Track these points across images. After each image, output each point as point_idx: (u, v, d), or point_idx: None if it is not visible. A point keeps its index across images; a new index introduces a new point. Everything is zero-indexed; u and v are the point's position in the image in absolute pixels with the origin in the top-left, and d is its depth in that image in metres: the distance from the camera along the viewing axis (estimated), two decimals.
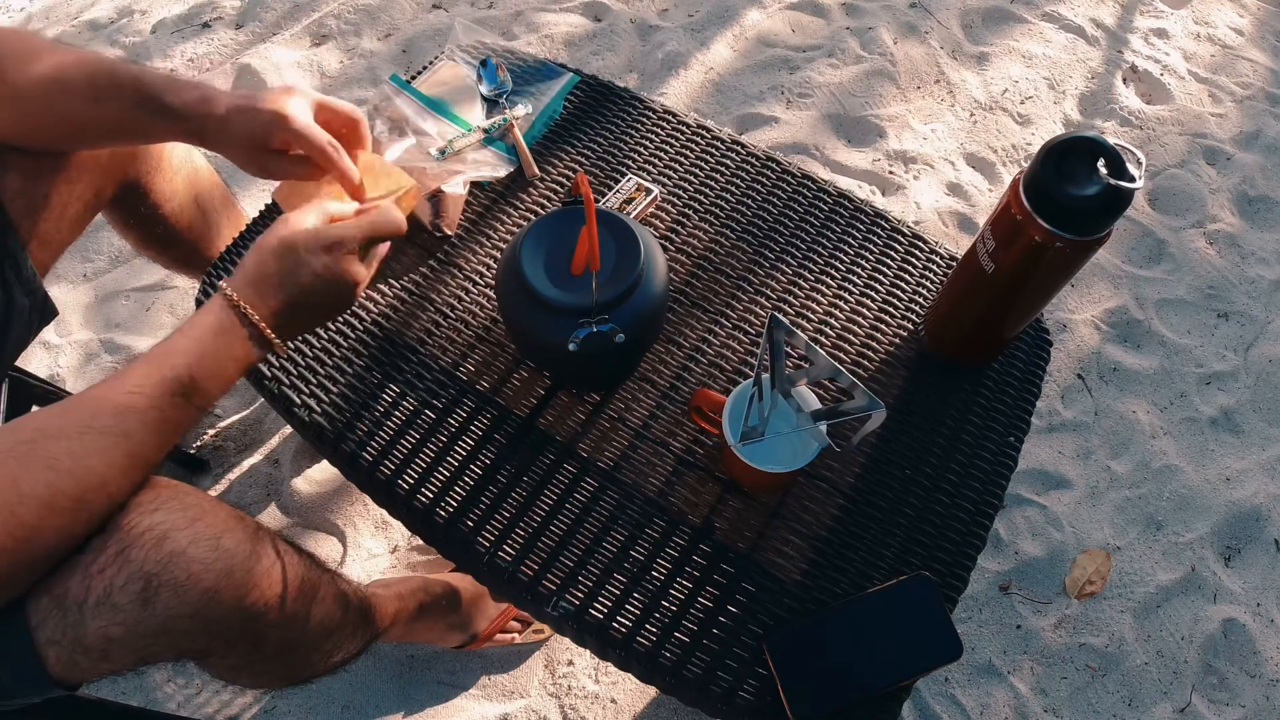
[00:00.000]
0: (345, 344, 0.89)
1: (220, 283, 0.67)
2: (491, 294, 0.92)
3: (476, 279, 0.93)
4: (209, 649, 0.64)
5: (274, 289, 0.67)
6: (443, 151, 0.97)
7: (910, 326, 0.91)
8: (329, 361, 0.87)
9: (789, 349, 0.71)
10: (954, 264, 0.95)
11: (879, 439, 0.83)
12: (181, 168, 1.03)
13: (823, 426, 0.70)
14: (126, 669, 0.60)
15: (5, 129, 0.79)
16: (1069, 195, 0.66)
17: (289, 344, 0.71)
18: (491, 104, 1.04)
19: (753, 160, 1.02)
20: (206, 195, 1.09)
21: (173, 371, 0.62)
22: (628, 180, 0.99)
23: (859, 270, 0.94)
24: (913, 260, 0.95)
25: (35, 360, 1.42)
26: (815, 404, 0.72)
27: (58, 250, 0.91)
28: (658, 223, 0.97)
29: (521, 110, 1.03)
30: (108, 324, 1.46)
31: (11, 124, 0.78)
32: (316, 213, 0.70)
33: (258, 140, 0.77)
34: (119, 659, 0.59)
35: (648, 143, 1.03)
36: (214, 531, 0.62)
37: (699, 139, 1.04)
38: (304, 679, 0.78)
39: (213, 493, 1.29)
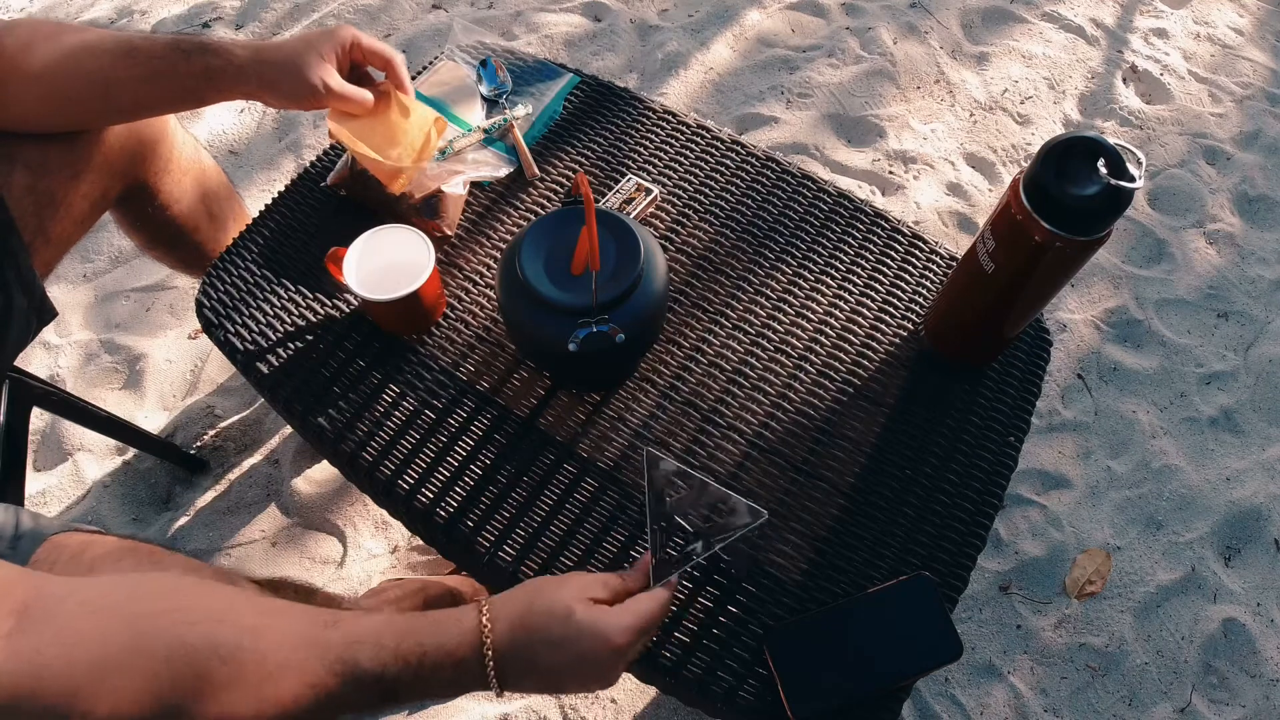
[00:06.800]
0: (348, 345, 0.89)
1: (485, 611, 0.58)
2: (491, 294, 0.92)
3: (476, 279, 0.93)
4: None
5: (528, 656, 0.58)
6: (443, 152, 0.97)
7: (910, 326, 0.91)
8: (331, 362, 0.87)
9: (667, 479, 0.76)
10: (954, 264, 0.95)
11: (879, 439, 0.83)
12: (190, 168, 1.04)
13: (717, 547, 0.72)
14: None
15: (28, 108, 0.79)
16: (1069, 195, 0.65)
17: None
18: (491, 104, 1.04)
19: (753, 160, 1.02)
20: (213, 195, 1.10)
21: (385, 675, 0.54)
22: (628, 180, 0.99)
23: (859, 270, 0.94)
24: (913, 260, 0.95)
25: (35, 360, 1.42)
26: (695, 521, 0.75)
27: (62, 249, 0.91)
28: (658, 223, 0.97)
29: (521, 110, 1.03)
30: (108, 324, 1.46)
31: (36, 101, 0.79)
32: (607, 587, 0.63)
33: (323, 53, 0.81)
34: None
35: (648, 143, 1.03)
36: None
37: (699, 139, 1.04)
38: None
39: (212, 494, 1.29)
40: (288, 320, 0.90)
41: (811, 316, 0.91)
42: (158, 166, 0.98)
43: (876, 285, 0.93)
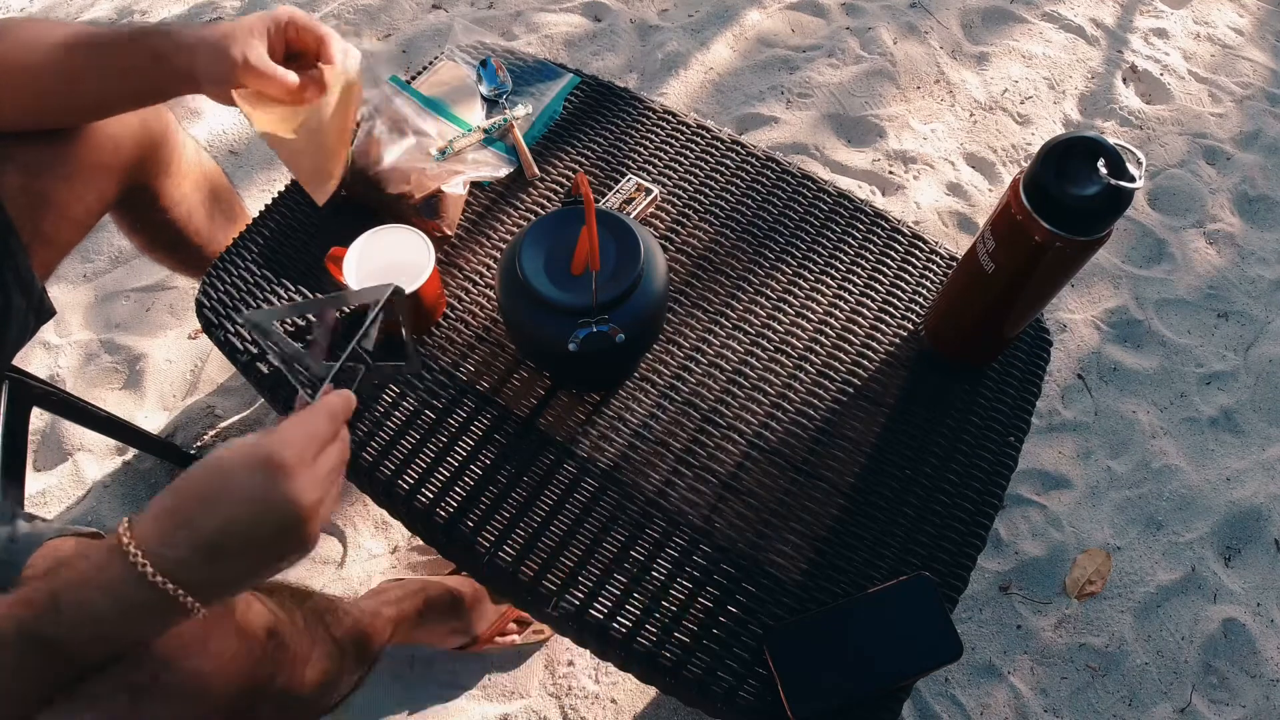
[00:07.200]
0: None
1: (124, 520, 0.51)
2: (491, 294, 0.92)
3: (476, 279, 0.93)
4: None
5: (186, 530, 0.50)
6: (443, 152, 0.97)
7: (910, 326, 0.91)
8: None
9: (287, 328, 0.73)
10: (954, 264, 0.95)
11: (879, 439, 0.83)
12: (190, 171, 1.03)
13: (355, 342, 0.67)
14: None
15: (24, 107, 0.79)
16: (1069, 195, 0.66)
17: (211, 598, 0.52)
18: (491, 104, 1.04)
19: (753, 160, 1.02)
20: (214, 197, 1.10)
21: (33, 629, 0.49)
22: (628, 180, 0.99)
23: (859, 270, 0.94)
24: (913, 260, 0.95)
25: (35, 361, 1.42)
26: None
27: (61, 251, 0.90)
28: (658, 223, 0.97)
29: (521, 110, 1.03)
30: (108, 324, 1.46)
31: (8, 98, 0.78)
32: (265, 432, 0.54)
33: (253, 28, 0.76)
34: None
35: (648, 143, 1.03)
36: (197, 633, 0.60)
37: (699, 139, 1.04)
38: None
39: None
40: (288, 320, 0.90)
41: (811, 316, 0.91)
42: (158, 169, 0.98)
43: (876, 285, 0.93)
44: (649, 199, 0.97)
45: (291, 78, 0.79)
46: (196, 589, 0.50)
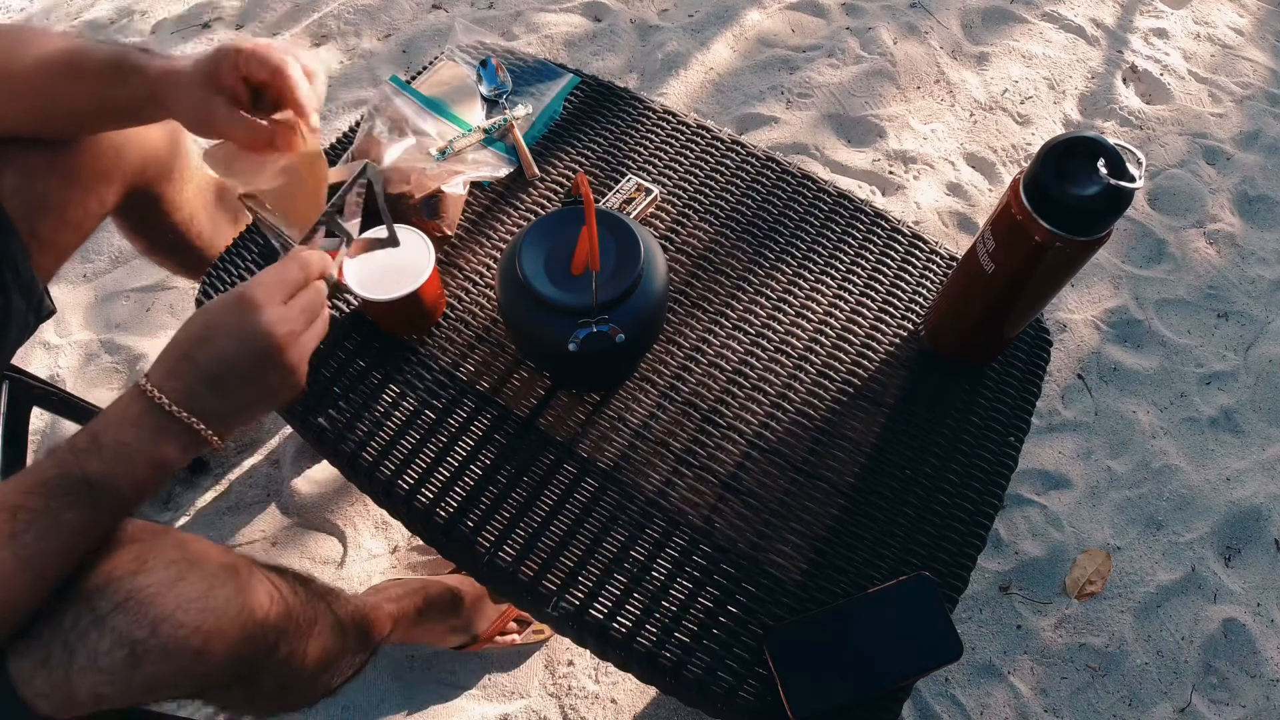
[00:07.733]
0: (348, 345, 0.88)
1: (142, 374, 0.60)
2: (491, 294, 0.92)
3: (476, 279, 0.93)
4: (202, 695, 0.64)
5: (187, 365, 0.60)
6: (443, 152, 0.97)
7: (910, 326, 0.91)
8: (331, 362, 0.87)
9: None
10: (954, 264, 0.95)
11: (879, 439, 0.83)
12: (193, 176, 1.03)
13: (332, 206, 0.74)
14: (122, 707, 0.59)
15: (14, 116, 0.79)
16: (1069, 195, 0.66)
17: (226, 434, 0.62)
18: (491, 104, 1.04)
19: (753, 160, 1.02)
20: (216, 201, 1.09)
21: (77, 470, 0.56)
22: (628, 180, 0.99)
23: (859, 270, 0.94)
24: (913, 260, 0.95)
25: (35, 361, 1.42)
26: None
27: (61, 253, 0.90)
28: (658, 223, 0.97)
29: (521, 110, 1.03)
30: (108, 324, 1.46)
31: (23, 110, 0.78)
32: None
33: (210, 71, 0.73)
34: (113, 705, 0.58)
35: (648, 143, 1.03)
36: (200, 590, 0.60)
37: (699, 139, 1.04)
38: (304, 706, 0.78)
39: (212, 494, 1.29)
40: None
41: (811, 316, 0.91)
42: (163, 176, 0.98)
43: (876, 285, 0.93)
44: (649, 199, 0.97)
45: (260, 127, 0.75)
46: (207, 416, 0.60)
